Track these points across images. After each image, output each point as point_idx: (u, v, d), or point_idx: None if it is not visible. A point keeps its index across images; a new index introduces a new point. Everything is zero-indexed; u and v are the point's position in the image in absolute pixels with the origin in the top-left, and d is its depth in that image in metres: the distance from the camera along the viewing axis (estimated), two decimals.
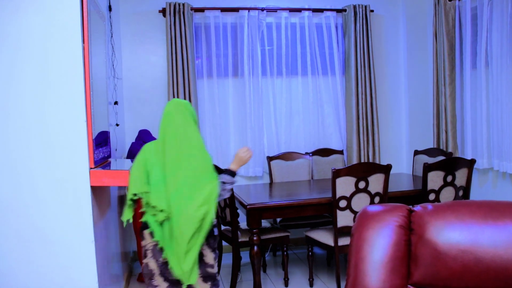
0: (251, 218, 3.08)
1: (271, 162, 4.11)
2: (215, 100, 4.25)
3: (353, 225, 1.54)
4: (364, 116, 4.39)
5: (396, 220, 1.46)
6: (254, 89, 4.28)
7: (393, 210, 1.49)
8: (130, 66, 4.11)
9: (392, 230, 1.44)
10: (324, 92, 4.43)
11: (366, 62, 4.36)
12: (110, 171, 2.37)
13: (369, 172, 3.06)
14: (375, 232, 1.45)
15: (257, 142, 4.30)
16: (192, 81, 4.07)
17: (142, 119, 4.12)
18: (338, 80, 4.42)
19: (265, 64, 4.33)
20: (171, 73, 4.05)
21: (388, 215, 1.48)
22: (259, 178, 4.40)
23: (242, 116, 4.30)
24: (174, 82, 4.05)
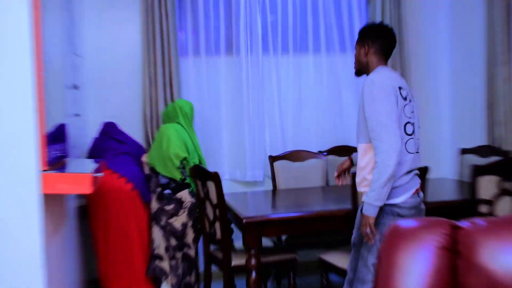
0: (248, 236, 3.08)
1: (275, 164, 4.11)
2: (203, 85, 4.26)
3: (382, 245, 1.54)
4: None
5: (437, 239, 1.46)
6: (253, 71, 4.29)
7: (433, 226, 1.49)
8: (94, 41, 4.10)
9: (432, 253, 1.44)
10: (343, 74, 4.43)
11: (396, 37, 4.33)
12: (67, 174, 2.35)
13: None
14: (409, 256, 1.45)
15: (256, 138, 4.30)
16: (174, 60, 4.07)
17: (109, 108, 4.12)
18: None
19: (267, 38, 4.33)
20: (147, 49, 4.04)
21: (426, 233, 1.48)
22: (259, 184, 4.40)
23: (238, 104, 4.30)
24: (151, 61, 4.05)
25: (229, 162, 4.37)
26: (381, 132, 2.40)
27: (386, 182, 2.40)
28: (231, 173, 4.37)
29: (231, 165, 4.38)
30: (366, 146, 2.53)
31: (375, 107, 2.42)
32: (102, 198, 3.53)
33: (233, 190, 4.26)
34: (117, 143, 3.80)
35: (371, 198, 2.44)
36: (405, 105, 2.51)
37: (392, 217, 2.49)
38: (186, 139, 3.73)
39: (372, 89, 2.45)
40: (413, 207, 2.54)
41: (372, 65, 2.63)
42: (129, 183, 3.58)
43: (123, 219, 3.56)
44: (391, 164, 2.38)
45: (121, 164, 3.66)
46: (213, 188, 3.16)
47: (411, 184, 2.53)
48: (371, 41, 2.62)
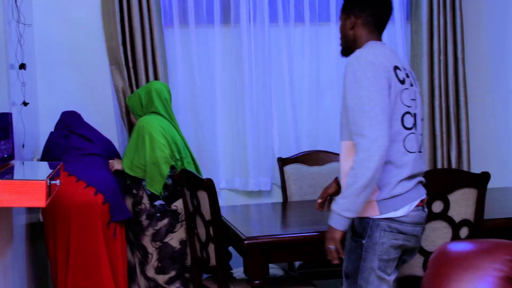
0: (251, 262, 3.08)
1: (286, 168, 4.11)
2: (193, 63, 4.26)
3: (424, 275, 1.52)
4: (444, 92, 4.40)
5: (499, 268, 1.46)
6: (257, 46, 4.28)
7: (494, 250, 1.50)
8: (45, 5, 4.08)
9: (492, 285, 1.44)
10: None
11: (450, 1, 4.36)
12: (13, 182, 2.35)
13: (451, 185, 3.06)
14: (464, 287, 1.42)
15: (261, 134, 4.31)
16: (157, 31, 4.08)
17: (67, 93, 4.11)
18: (399, 30, 4.43)
19: (275, 3, 4.33)
20: (119, 17, 4.02)
21: (485, 259, 1.49)
22: (265, 195, 4.41)
23: (238, 90, 4.31)
24: (125, 32, 4.03)
25: (226, 166, 4.37)
26: (363, 124, 2.37)
27: (362, 189, 2.37)
28: (229, 180, 4.37)
29: (229, 171, 4.38)
30: (351, 144, 2.49)
31: (359, 92, 2.39)
32: (63, 214, 3.50)
33: (231, 202, 4.26)
34: (82, 141, 3.78)
35: (340, 207, 2.42)
36: (403, 89, 2.48)
37: (391, 235, 2.47)
38: (174, 136, 3.77)
39: (356, 68, 2.42)
40: (418, 223, 2.52)
41: (360, 40, 2.61)
42: (99, 195, 3.56)
43: (91, 241, 3.52)
44: (372, 166, 2.34)
45: (88, 169, 3.65)
46: (205, 199, 3.16)
47: (414, 193, 2.51)
48: (358, 10, 2.59)
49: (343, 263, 2.63)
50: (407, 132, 2.49)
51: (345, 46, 2.68)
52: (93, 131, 3.89)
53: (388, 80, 2.42)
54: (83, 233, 3.52)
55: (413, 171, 2.51)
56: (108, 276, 3.56)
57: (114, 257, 3.61)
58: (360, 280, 2.53)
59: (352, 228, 2.56)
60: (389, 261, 2.49)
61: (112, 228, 3.60)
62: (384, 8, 2.61)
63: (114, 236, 3.60)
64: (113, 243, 3.61)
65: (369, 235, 2.48)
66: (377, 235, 2.47)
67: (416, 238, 2.54)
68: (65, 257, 3.53)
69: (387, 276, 2.49)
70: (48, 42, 4.10)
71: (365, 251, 2.49)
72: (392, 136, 2.43)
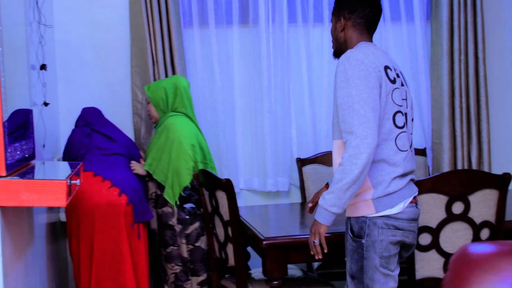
0: (270, 262, 3.08)
1: (304, 169, 4.11)
2: (212, 63, 4.28)
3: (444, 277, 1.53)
4: (464, 92, 4.37)
5: None
6: (275, 45, 4.29)
7: None
8: (66, 6, 4.11)
9: None
10: (394, 50, 4.43)
11: (470, 0, 4.34)
12: (33, 181, 2.36)
13: (472, 186, 3.04)
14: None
15: (280, 134, 4.31)
16: (175, 32, 4.09)
17: (87, 94, 4.13)
18: (419, 30, 4.42)
19: (294, 3, 4.33)
20: (140, 17, 4.04)
21: (507, 261, 1.47)
22: (283, 195, 4.40)
23: (256, 90, 4.31)
24: (145, 33, 4.04)
25: (244, 166, 4.38)
26: (353, 122, 2.41)
27: (350, 185, 2.41)
28: (247, 181, 4.38)
29: (248, 171, 4.38)
30: (342, 142, 2.53)
31: (349, 91, 2.43)
32: (88, 214, 3.51)
33: (250, 202, 4.26)
34: (105, 140, 3.77)
35: (327, 202, 2.46)
36: (394, 89, 2.52)
37: (389, 232, 2.52)
38: (201, 141, 3.80)
39: (347, 68, 2.46)
40: (413, 219, 2.58)
41: (351, 41, 2.64)
42: (123, 195, 3.56)
43: (115, 241, 3.52)
44: (360, 163, 2.38)
45: (112, 169, 3.65)
46: (224, 200, 3.16)
47: (407, 191, 2.56)
48: (348, 12, 2.63)
49: (347, 264, 2.67)
50: (398, 131, 2.54)
51: (336, 48, 2.74)
52: (115, 130, 3.88)
53: (379, 80, 2.46)
54: (107, 234, 3.52)
55: (406, 169, 2.56)
56: (131, 276, 3.56)
57: (137, 257, 3.61)
58: (366, 280, 2.56)
59: (350, 228, 2.60)
60: (390, 257, 2.55)
61: (135, 229, 3.60)
62: (374, 9, 2.65)
63: (139, 237, 3.61)
64: (136, 244, 3.61)
65: (368, 234, 2.53)
66: (375, 233, 2.52)
67: (413, 233, 2.61)
68: (88, 257, 3.53)
69: (391, 272, 2.56)
70: (69, 43, 4.12)
71: (366, 250, 2.54)
72: (384, 135, 2.48)
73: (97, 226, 3.51)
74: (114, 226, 3.52)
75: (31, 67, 3.03)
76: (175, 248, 3.72)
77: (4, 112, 2.28)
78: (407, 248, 2.66)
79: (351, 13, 2.62)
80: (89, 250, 3.53)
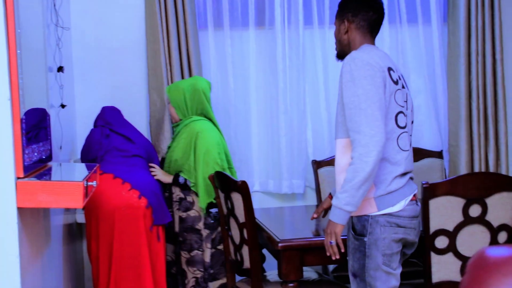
0: (285, 264, 3.08)
1: (320, 171, 4.10)
2: (227, 66, 4.28)
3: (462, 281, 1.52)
4: (482, 93, 4.35)
5: None
6: (291, 47, 4.28)
7: None
8: (83, 8, 4.13)
9: None
10: (411, 52, 4.42)
11: (488, 1, 4.31)
12: (50, 182, 2.38)
13: (489, 189, 3.02)
14: None
15: (295, 136, 4.31)
16: (191, 34, 4.10)
17: (104, 96, 4.15)
18: (436, 31, 4.41)
19: (310, 5, 4.33)
20: (155, 19, 4.06)
21: None
22: (298, 197, 4.40)
23: (272, 92, 4.31)
24: (159, 34, 4.05)
25: (260, 168, 4.37)
26: (360, 121, 2.46)
27: (362, 183, 2.45)
28: (262, 183, 4.37)
29: (263, 173, 4.37)
30: (346, 141, 2.59)
31: (356, 91, 2.49)
32: (107, 216, 3.51)
33: (265, 205, 4.25)
34: (124, 141, 3.77)
35: (341, 201, 2.50)
36: (397, 90, 2.58)
37: (391, 229, 2.57)
38: (225, 145, 3.83)
39: (353, 68, 2.51)
40: (414, 217, 2.63)
41: (354, 44, 2.70)
42: (143, 198, 3.55)
43: (134, 244, 3.53)
44: (370, 161, 2.43)
45: (132, 171, 3.65)
46: (239, 202, 3.16)
47: (407, 189, 2.62)
48: (351, 15, 2.69)
49: (349, 263, 2.71)
50: (400, 131, 2.60)
51: (339, 50, 2.80)
52: (134, 131, 3.88)
53: (383, 80, 2.52)
54: (127, 236, 3.52)
55: (406, 169, 2.62)
56: (150, 279, 3.55)
57: (156, 260, 3.61)
58: (368, 278, 2.60)
59: (352, 227, 2.64)
60: (392, 255, 2.59)
61: (154, 231, 3.60)
62: (377, 13, 2.72)
63: (159, 240, 3.61)
64: (155, 246, 3.60)
65: (370, 232, 2.57)
66: (377, 231, 2.56)
67: (414, 231, 2.65)
68: (107, 259, 3.53)
69: (393, 270, 2.60)
70: (85, 45, 4.14)
71: (368, 248, 2.58)
72: (387, 134, 2.53)
73: (117, 228, 3.51)
74: (134, 229, 3.52)
75: (48, 69, 3.04)
76: (199, 253, 3.72)
77: (22, 114, 2.29)
78: (409, 245, 2.70)
79: (354, 16, 2.69)
80: (109, 252, 3.53)
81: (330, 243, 2.58)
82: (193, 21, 4.10)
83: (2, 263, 2.26)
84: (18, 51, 2.28)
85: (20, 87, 2.28)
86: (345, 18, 2.71)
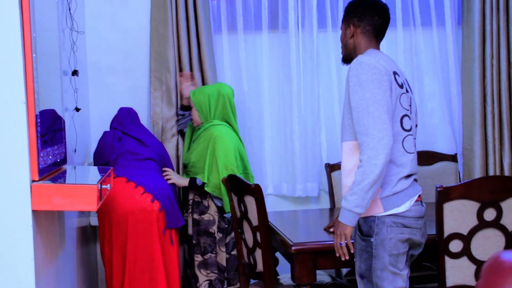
0: (299, 268, 3.07)
1: (334, 174, 4.09)
2: (240, 69, 4.28)
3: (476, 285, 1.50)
4: (497, 97, 4.32)
5: None
6: (305, 51, 4.28)
7: None
8: (98, 12, 4.15)
9: None
10: (424, 56, 4.40)
11: (503, 3, 4.28)
12: (65, 185, 2.39)
13: (504, 192, 3.00)
14: None
15: (309, 139, 4.30)
16: (205, 38, 4.10)
17: (118, 98, 4.16)
18: (450, 35, 4.39)
19: (324, 8, 4.32)
20: (167, 23, 4.07)
21: None
22: (312, 201, 4.39)
23: (286, 95, 4.31)
24: (172, 38, 4.06)
25: (273, 172, 4.36)
26: (368, 124, 2.50)
27: (371, 185, 2.50)
28: (276, 186, 4.36)
29: (276, 176, 4.37)
30: (353, 144, 2.64)
31: (363, 94, 2.53)
32: (120, 220, 3.52)
33: (278, 208, 4.25)
34: (136, 144, 3.77)
35: (350, 203, 2.54)
36: (402, 93, 2.63)
37: (397, 230, 2.60)
38: (242, 151, 3.88)
39: (360, 72, 2.55)
40: (420, 217, 2.67)
41: (360, 48, 2.75)
42: (156, 202, 3.55)
43: (148, 247, 3.52)
44: (379, 163, 2.48)
45: (145, 175, 3.65)
46: (253, 205, 3.15)
47: (412, 190, 2.66)
48: (357, 19, 2.75)
49: (356, 264, 2.74)
50: (406, 134, 2.64)
51: (345, 54, 2.85)
52: (147, 133, 3.89)
53: (390, 83, 2.57)
54: (140, 240, 3.52)
55: (411, 171, 2.66)
56: (163, 282, 3.54)
57: (169, 263, 3.61)
58: (375, 278, 2.63)
59: (359, 228, 2.68)
60: (398, 256, 2.61)
61: (168, 235, 3.60)
62: (382, 17, 2.76)
63: (172, 243, 3.61)
64: (169, 249, 3.61)
65: (377, 233, 2.60)
66: (384, 231, 2.59)
67: (420, 231, 2.68)
68: (121, 263, 3.54)
69: (400, 271, 2.62)
70: (100, 49, 4.16)
71: (375, 248, 2.61)
72: (393, 137, 2.55)
73: (130, 232, 3.51)
74: (147, 233, 3.53)
75: (63, 73, 3.06)
76: (213, 255, 3.73)
77: (37, 118, 2.31)
78: (416, 246, 2.72)
79: (360, 20, 2.74)
80: (122, 255, 3.53)
81: (340, 244, 2.61)
82: (206, 26, 4.11)
83: (17, 265, 2.28)
84: (34, 55, 2.29)
85: (35, 90, 2.30)
86: (351, 23, 2.76)
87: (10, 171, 2.27)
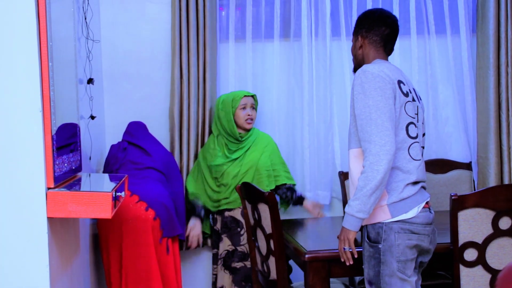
0: (312, 276, 3.07)
1: (347, 182, 4.07)
2: (247, 78, 4.28)
3: None
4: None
5: None
6: (318, 59, 4.28)
7: None
8: (113, 21, 4.17)
9: None
10: (439, 64, 4.39)
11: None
12: (80, 193, 2.41)
13: None
14: None
15: (322, 147, 4.29)
16: (210, 46, 4.11)
17: (132, 107, 4.18)
18: (464, 42, 4.38)
19: (338, 16, 4.32)
20: (178, 32, 4.09)
21: None
22: (324, 208, 4.36)
23: (297, 103, 4.31)
24: (181, 46, 4.09)
25: None
26: (371, 131, 2.56)
27: (373, 191, 2.54)
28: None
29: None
30: (358, 151, 2.70)
31: (366, 102, 2.59)
32: (115, 228, 3.52)
33: (290, 215, 4.23)
34: (140, 154, 3.79)
35: (353, 209, 2.58)
36: (407, 102, 2.67)
37: (405, 236, 2.63)
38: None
39: (363, 80, 2.62)
40: (428, 224, 2.68)
41: (368, 58, 2.82)
42: (150, 210, 3.54)
43: (143, 256, 3.51)
44: (381, 169, 2.52)
45: (141, 183, 3.64)
46: (266, 213, 3.15)
47: (419, 196, 2.68)
48: (365, 30, 2.82)
49: (364, 271, 2.76)
50: (411, 141, 2.68)
51: (356, 64, 2.90)
52: (153, 144, 3.90)
53: (393, 91, 2.62)
54: (135, 249, 3.51)
55: (418, 178, 2.68)
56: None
57: (166, 271, 3.59)
58: (383, 284, 2.66)
59: (367, 235, 2.71)
60: (406, 262, 2.63)
61: (164, 243, 3.60)
62: (389, 28, 2.82)
63: (168, 253, 3.59)
64: (166, 258, 3.59)
65: (385, 239, 2.63)
66: (392, 238, 2.62)
67: (428, 237, 2.70)
68: (118, 271, 3.54)
69: (408, 277, 2.64)
70: (115, 57, 4.17)
71: (383, 254, 2.64)
72: (398, 144, 2.62)
73: (125, 241, 3.50)
74: (142, 241, 3.51)
75: (79, 81, 3.08)
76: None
77: (53, 126, 2.32)
78: (425, 253, 2.74)
79: (368, 31, 2.81)
80: (119, 264, 3.53)
81: (344, 249, 2.66)
82: (212, 34, 4.11)
83: (32, 272, 2.29)
84: (50, 63, 2.31)
85: (51, 98, 2.31)
86: (360, 34, 2.83)
87: (26, 179, 2.28)
